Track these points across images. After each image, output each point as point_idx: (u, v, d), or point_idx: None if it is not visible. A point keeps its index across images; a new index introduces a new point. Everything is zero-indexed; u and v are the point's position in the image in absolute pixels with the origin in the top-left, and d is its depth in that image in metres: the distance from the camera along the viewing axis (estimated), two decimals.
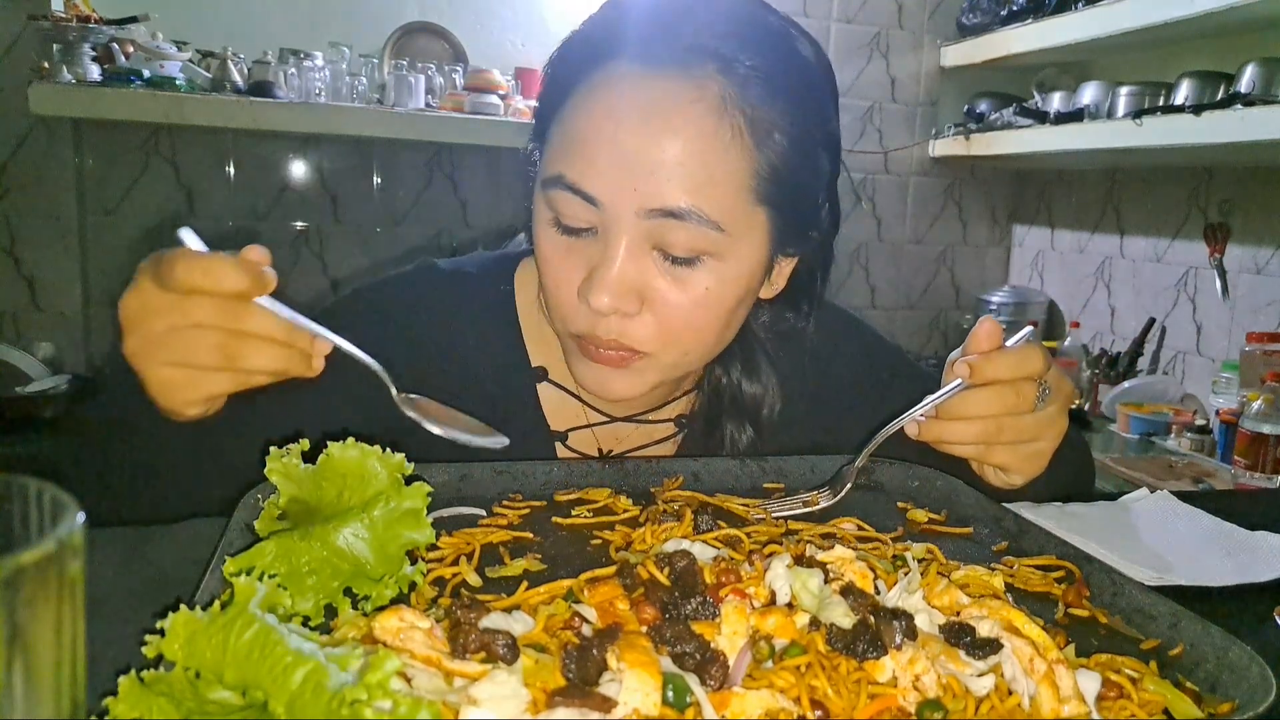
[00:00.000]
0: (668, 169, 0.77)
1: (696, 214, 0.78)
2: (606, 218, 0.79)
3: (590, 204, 0.79)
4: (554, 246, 0.83)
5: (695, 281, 0.81)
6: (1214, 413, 2.48)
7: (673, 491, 0.88)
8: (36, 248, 2.46)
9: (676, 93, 0.78)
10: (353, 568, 0.60)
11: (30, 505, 0.34)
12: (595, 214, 0.80)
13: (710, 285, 0.81)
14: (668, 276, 0.81)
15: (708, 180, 0.78)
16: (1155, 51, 2.76)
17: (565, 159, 0.80)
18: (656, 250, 0.80)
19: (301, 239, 2.71)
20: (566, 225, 0.82)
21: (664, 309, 0.81)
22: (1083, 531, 0.89)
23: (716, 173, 0.78)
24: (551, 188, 0.81)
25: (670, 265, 0.80)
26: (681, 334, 0.83)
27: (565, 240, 0.83)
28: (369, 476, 0.64)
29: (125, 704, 0.43)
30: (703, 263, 0.81)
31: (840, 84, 0.90)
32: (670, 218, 0.78)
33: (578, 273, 0.82)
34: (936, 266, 3.46)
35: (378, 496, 0.63)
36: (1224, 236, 2.62)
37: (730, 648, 0.54)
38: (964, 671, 0.53)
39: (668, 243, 0.79)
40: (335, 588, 0.58)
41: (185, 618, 0.46)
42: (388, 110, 2.50)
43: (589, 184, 0.79)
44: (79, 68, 2.25)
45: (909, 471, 0.95)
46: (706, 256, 0.81)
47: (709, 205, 0.78)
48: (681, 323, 0.82)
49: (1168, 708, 0.53)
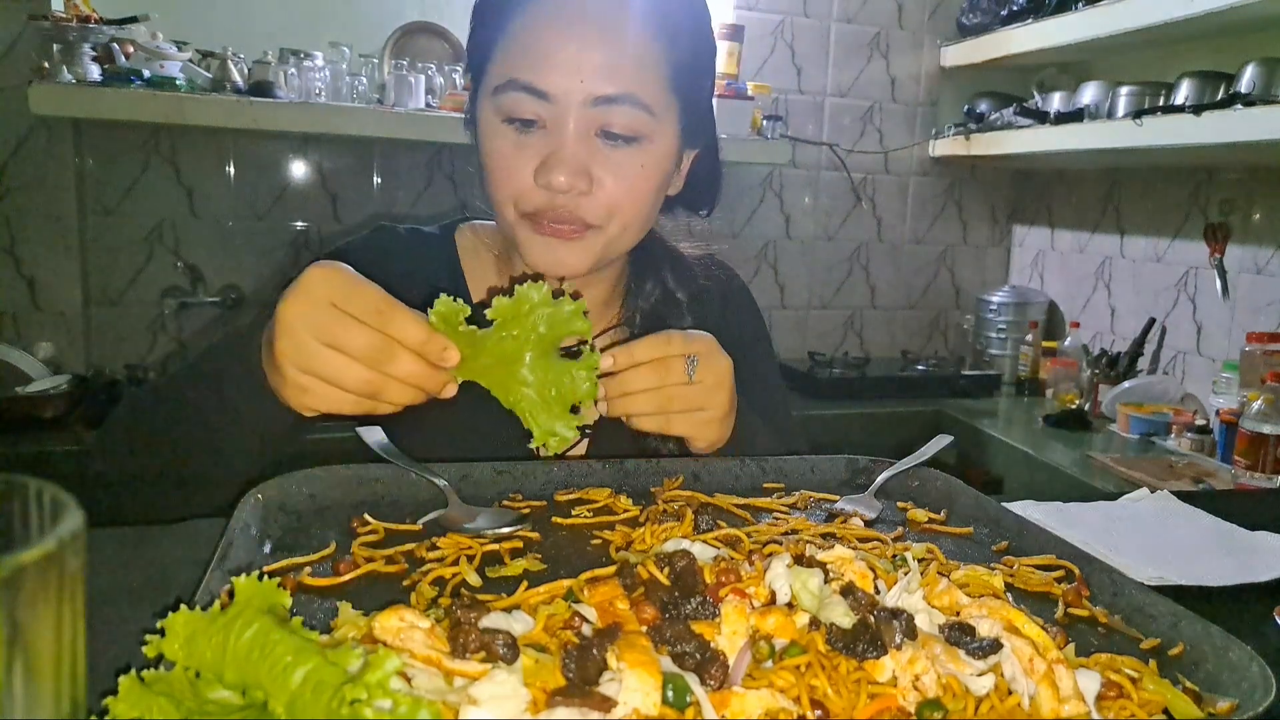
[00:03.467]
0: (609, 62, 0.92)
1: (633, 98, 0.93)
2: (557, 109, 0.92)
3: (542, 99, 0.91)
4: (506, 142, 0.94)
5: (632, 160, 0.95)
6: (1214, 413, 2.48)
7: (673, 491, 0.88)
8: (36, 248, 2.46)
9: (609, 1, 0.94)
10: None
11: (30, 505, 0.34)
12: (545, 108, 0.92)
13: (644, 163, 0.96)
14: (610, 157, 0.95)
15: (638, 70, 0.93)
16: (1155, 51, 2.76)
17: (517, 64, 0.92)
18: (599, 136, 0.94)
19: (301, 239, 2.72)
20: (518, 120, 0.93)
21: (609, 184, 0.94)
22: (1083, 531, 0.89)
23: (645, 63, 0.94)
24: (505, 92, 0.92)
25: (611, 148, 0.94)
26: (624, 207, 0.97)
27: (516, 136, 0.94)
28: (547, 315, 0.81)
29: (125, 704, 0.43)
30: (638, 143, 0.95)
31: (840, 84, 0.97)
32: (611, 103, 0.92)
33: (530, 163, 0.93)
34: (936, 266, 3.46)
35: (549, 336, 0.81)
36: (1224, 236, 2.62)
37: (730, 648, 0.54)
38: (964, 671, 0.53)
39: (610, 124, 0.93)
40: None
41: (185, 617, 0.46)
42: (388, 110, 2.50)
43: (541, 81, 0.91)
44: (79, 68, 2.25)
45: (909, 471, 0.95)
46: (640, 138, 0.95)
47: (641, 91, 0.93)
48: (624, 196, 0.96)
49: (1167, 707, 0.53)
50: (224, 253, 2.64)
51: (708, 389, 0.90)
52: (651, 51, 0.95)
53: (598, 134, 0.94)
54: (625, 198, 0.96)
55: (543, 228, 0.95)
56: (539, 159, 0.93)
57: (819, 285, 3.31)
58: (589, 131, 0.93)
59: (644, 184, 0.97)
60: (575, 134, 0.92)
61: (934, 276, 3.46)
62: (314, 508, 0.81)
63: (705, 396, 0.91)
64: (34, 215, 2.44)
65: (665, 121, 0.97)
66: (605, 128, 0.93)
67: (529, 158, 0.93)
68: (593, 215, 0.95)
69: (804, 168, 3.19)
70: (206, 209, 2.63)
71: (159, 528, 0.81)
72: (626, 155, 0.95)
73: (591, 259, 0.98)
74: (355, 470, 0.84)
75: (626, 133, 0.94)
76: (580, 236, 0.96)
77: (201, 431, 0.87)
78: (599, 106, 0.92)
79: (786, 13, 3.09)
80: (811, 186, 3.23)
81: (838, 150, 3.19)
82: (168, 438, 0.89)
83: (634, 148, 0.95)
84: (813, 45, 3.13)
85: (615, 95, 0.92)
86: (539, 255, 0.98)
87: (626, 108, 0.93)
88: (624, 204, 0.96)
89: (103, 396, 2.33)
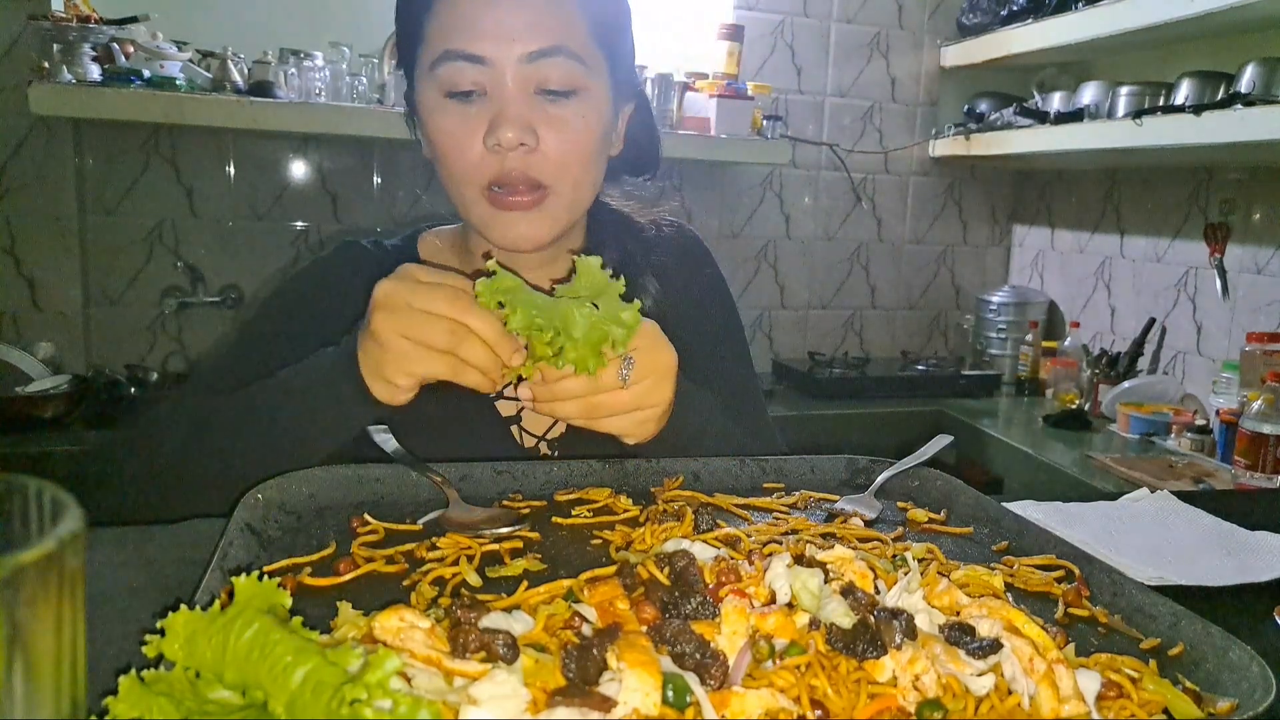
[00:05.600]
0: (536, 19, 0.95)
1: (565, 49, 0.96)
2: (495, 72, 0.95)
3: (479, 64, 0.94)
4: (449, 117, 0.97)
5: (573, 113, 0.98)
6: (1214, 413, 2.48)
7: (673, 491, 0.88)
8: (36, 248, 2.46)
9: None
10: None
11: (30, 505, 0.34)
12: (483, 73, 0.95)
13: (585, 115, 0.99)
14: (550, 113, 0.97)
15: (567, 23, 0.97)
16: (1155, 51, 2.77)
17: (450, 36, 0.95)
18: (538, 93, 0.96)
19: (301, 239, 2.72)
20: (459, 92, 0.96)
21: (553, 140, 0.97)
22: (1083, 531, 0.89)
23: (572, 17, 0.97)
24: (442, 64, 0.95)
25: (551, 103, 0.97)
26: (571, 163, 0.99)
27: (459, 108, 0.97)
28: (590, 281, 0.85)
29: (125, 704, 0.43)
30: (576, 96, 0.98)
31: (840, 84, 0.97)
32: (545, 57, 0.95)
33: (477, 132, 0.96)
34: (936, 266, 3.46)
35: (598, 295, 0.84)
36: (1224, 236, 2.62)
37: (730, 648, 0.54)
38: (964, 671, 0.53)
39: (547, 79, 0.96)
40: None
41: (185, 617, 0.46)
42: (388, 110, 2.50)
43: (476, 46, 0.94)
44: (79, 68, 2.25)
45: (909, 471, 0.95)
46: (577, 90, 0.98)
47: (571, 42, 0.97)
48: (570, 150, 0.98)
49: (1167, 707, 0.53)
50: (224, 253, 2.64)
51: (644, 389, 0.89)
52: (572, 6, 0.98)
53: (536, 92, 0.96)
54: (572, 152, 0.99)
55: (502, 202, 0.98)
56: (484, 126, 0.95)
57: (819, 285, 3.31)
58: (528, 90, 0.96)
59: (586, 137, 1.00)
60: (515, 93, 0.95)
61: (934, 276, 3.46)
62: (314, 508, 0.81)
63: (640, 397, 0.89)
64: (34, 215, 2.44)
65: (596, 74, 1.00)
66: (542, 85, 0.96)
67: (475, 127, 0.96)
68: (544, 173, 0.97)
69: (804, 168, 3.19)
70: (206, 209, 2.63)
71: (159, 527, 0.81)
72: (566, 109, 0.98)
73: (551, 226, 1.01)
74: (355, 470, 0.84)
75: (563, 86, 0.97)
76: (539, 205, 0.99)
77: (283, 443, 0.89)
78: (535, 62, 0.95)
79: (786, 13, 3.09)
80: (811, 186, 3.23)
81: (838, 150, 3.19)
82: (238, 448, 0.90)
83: (572, 101, 0.98)
84: (813, 45, 3.13)
85: (548, 48, 0.95)
86: (501, 232, 1.00)
87: (560, 59, 0.96)
88: (571, 159, 0.99)
89: (103, 396, 2.33)
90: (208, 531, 0.76)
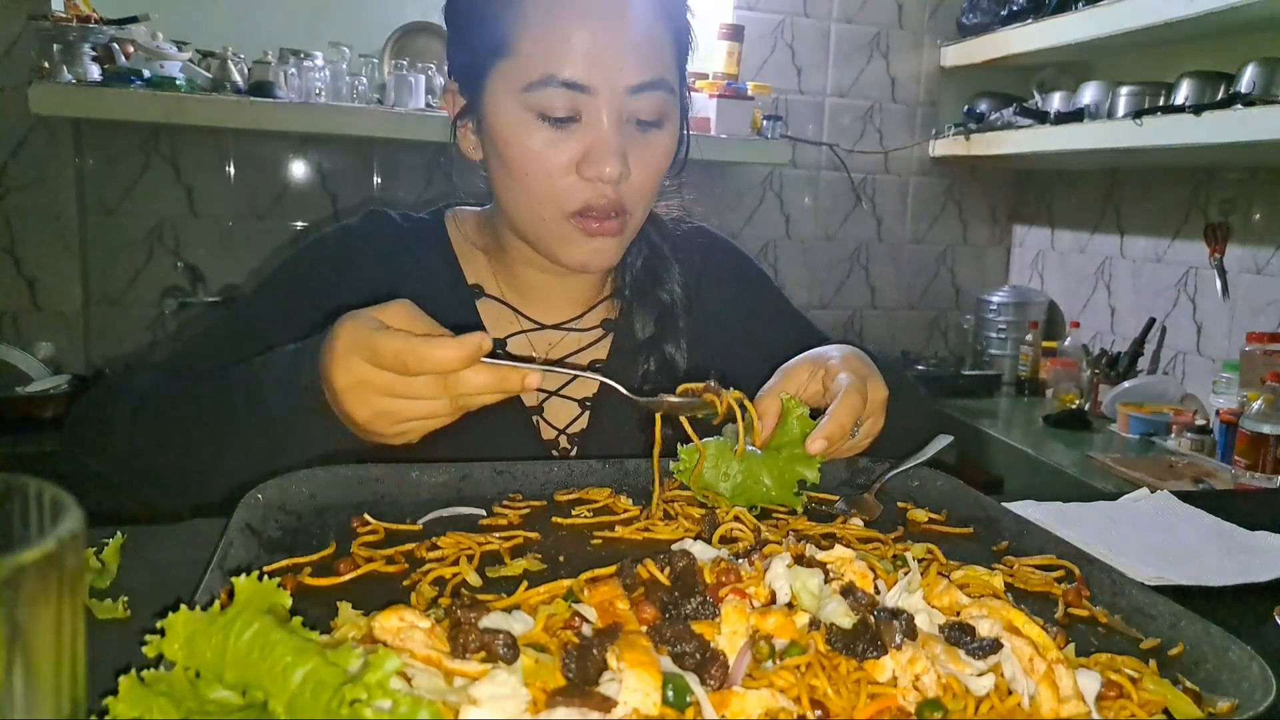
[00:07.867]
0: (639, 48, 0.94)
1: (664, 82, 0.95)
2: (596, 101, 0.92)
3: (582, 92, 0.92)
4: (542, 140, 0.94)
5: (658, 143, 0.98)
6: (1214, 413, 2.47)
7: (673, 491, 0.88)
8: (36, 248, 2.46)
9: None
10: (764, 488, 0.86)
11: (30, 505, 0.34)
12: (584, 100, 0.92)
13: (665, 142, 0.99)
14: (639, 143, 0.96)
15: (660, 51, 0.96)
16: (1155, 51, 2.76)
17: (553, 60, 0.91)
18: (628, 121, 0.95)
19: (301, 239, 2.71)
20: (555, 118, 0.93)
21: (642, 168, 0.96)
22: (1083, 531, 0.89)
23: (666, 47, 0.97)
24: (541, 88, 0.92)
25: (641, 133, 0.96)
26: (650, 188, 0.99)
27: (552, 133, 0.94)
28: (787, 426, 0.88)
29: (125, 704, 0.43)
30: (662, 125, 0.98)
31: (840, 84, 0.98)
32: (645, 90, 0.94)
33: (569, 158, 0.94)
34: (936, 266, 3.46)
35: (789, 443, 0.88)
36: (1224, 236, 2.62)
37: (730, 648, 0.54)
38: (964, 671, 0.53)
39: (642, 110, 0.95)
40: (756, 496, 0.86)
41: (185, 617, 0.46)
42: (388, 110, 2.50)
43: (582, 75, 0.91)
44: (79, 68, 2.25)
45: (909, 471, 0.95)
46: (664, 121, 0.98)
47: (667, 74, 0.96)
48: (650, 178, 0.98)
49: (1167, 707, 0.53)
50: (224, 253, 2.64)
51: (865, 433, 0.90)
52: (664, 34, 0.97)
53: (626, 120, 0.95)
54: (653, 178, 0.99)
55: (590, 229, 0.96)
56: (574, 150, 0.93)
57: (819, 285, 3.31)
58: (622, 119, 0.94)
59: (665, 163, 1.00)
60: (613, 124, 0.93)
61: (934, 276, 3.46)
62: (314, 508, 0.81)
63: (860, 443, 0.91)
64: (34, 215, 2.44)
65: (677, 100, 1.00)
66: (635, 114, 0.95)
67: (564, 151, 0.94)
68: (631, 200, 0.97)
69: (804, 168, 3.19)
70: (206, 209, 2.63)
71: (159, 527, 0.81)
72: (654, 138, 0.97)
73: (622, 247, 1.02)
74: (355, 470, 0.84)
75: (654, 117, 0.96)
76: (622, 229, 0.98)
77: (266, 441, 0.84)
78: (635, 95, 0.93)
79: (786, 13, 3.09)
80: (811, 186, 3.23)
81: (838, 150, 3.19)
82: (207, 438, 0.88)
83: (659, 131, 0.97)
84: (813, 45, 3.13)
85: (650, 81, 0.94)
86: (577, 254, 0.99)
87: (659, 94, 0.95)
88: (651, 185, 0.99)
89: None
90: (208, 531, 0.76)
